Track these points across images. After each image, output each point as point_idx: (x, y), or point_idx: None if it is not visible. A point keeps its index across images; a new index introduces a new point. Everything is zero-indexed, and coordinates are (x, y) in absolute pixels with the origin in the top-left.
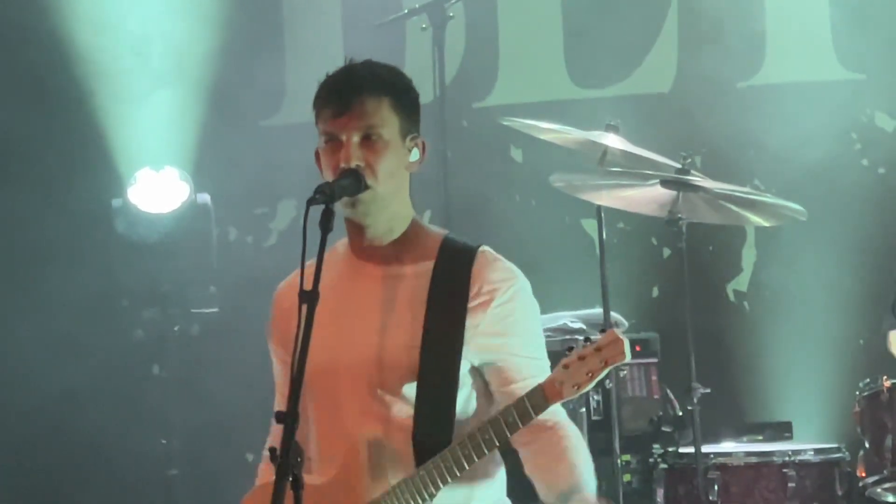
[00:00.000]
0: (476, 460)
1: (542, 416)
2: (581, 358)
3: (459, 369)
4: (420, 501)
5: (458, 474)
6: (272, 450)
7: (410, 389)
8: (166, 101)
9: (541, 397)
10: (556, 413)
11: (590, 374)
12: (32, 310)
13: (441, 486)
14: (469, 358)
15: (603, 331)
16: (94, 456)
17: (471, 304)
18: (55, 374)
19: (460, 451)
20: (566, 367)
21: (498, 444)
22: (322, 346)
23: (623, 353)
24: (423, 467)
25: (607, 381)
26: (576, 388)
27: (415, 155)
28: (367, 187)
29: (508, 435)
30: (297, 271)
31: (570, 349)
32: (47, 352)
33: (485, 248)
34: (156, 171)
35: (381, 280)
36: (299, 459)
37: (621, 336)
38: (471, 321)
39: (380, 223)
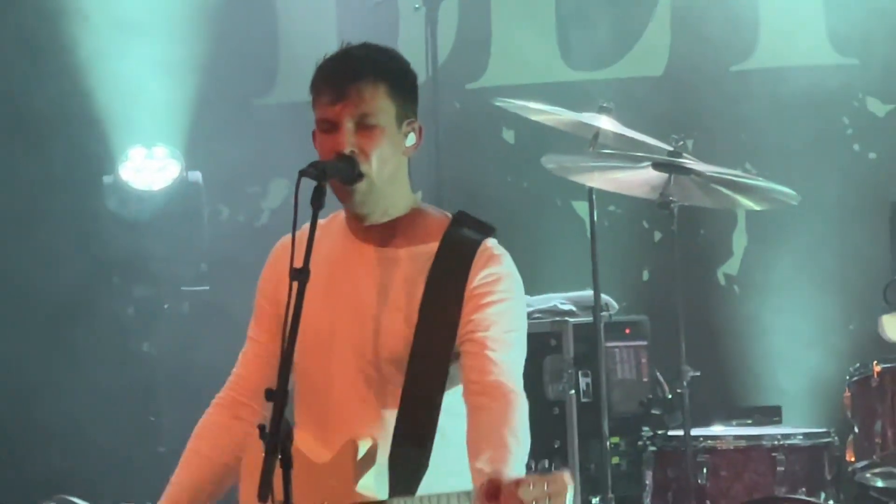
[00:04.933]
0: None
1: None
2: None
3: (451, 358)
4: None
5: None
6: (261, 427)
7: (401, 375)
8: (159, 79)
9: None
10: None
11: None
12: (22, 286)
13: None
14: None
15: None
16: (83, 433)
17: (466, 295)
18: (44, 351)
19: None
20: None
21: None
22: (314, 323)
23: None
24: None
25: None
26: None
27: (411, 140)
28: (360, 175)
29: None
30: (303, 229)
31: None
32: (35, 327)
33: (488, 242)
34: (147, 148)
35: (375, 262)
36: (288, 437)
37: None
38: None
39: (377, 211)
